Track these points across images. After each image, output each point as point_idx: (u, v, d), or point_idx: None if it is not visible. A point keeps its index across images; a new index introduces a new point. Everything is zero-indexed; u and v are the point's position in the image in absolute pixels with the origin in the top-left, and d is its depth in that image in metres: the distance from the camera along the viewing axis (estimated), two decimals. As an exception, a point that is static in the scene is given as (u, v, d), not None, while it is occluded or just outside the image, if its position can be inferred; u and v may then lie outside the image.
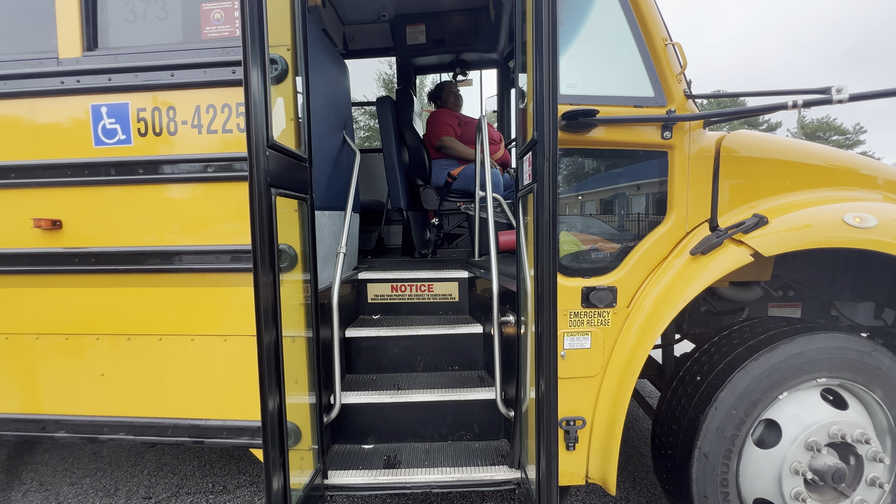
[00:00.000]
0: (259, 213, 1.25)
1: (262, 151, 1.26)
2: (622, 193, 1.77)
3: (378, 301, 2.54)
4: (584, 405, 1.69)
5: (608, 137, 1.63)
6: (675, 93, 1.62)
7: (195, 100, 1.66)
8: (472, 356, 2.29)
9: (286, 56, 1.58)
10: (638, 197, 1.76)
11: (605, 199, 1.79)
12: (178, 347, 1.77)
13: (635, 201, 1.77)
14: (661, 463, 1.74)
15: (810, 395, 1.59)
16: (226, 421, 1.78)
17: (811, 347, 1.55)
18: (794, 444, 1.53)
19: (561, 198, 1.70)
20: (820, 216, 1.58)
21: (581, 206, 1.80)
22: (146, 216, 1.74)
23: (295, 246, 1.64)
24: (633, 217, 1.76)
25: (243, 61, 1.20)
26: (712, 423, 1.55)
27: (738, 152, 1.72)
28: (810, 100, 1.40)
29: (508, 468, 1.82)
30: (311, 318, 1.71)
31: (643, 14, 1.62)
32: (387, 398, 2.00)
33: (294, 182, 1.53)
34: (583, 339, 1.66)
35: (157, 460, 2.67)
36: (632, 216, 1.76)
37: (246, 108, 1.22)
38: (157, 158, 1.70)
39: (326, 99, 2.32)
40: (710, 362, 1.66)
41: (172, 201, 1.73)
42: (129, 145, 1.70)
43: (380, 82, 18.37)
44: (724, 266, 1.56)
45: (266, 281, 1.28)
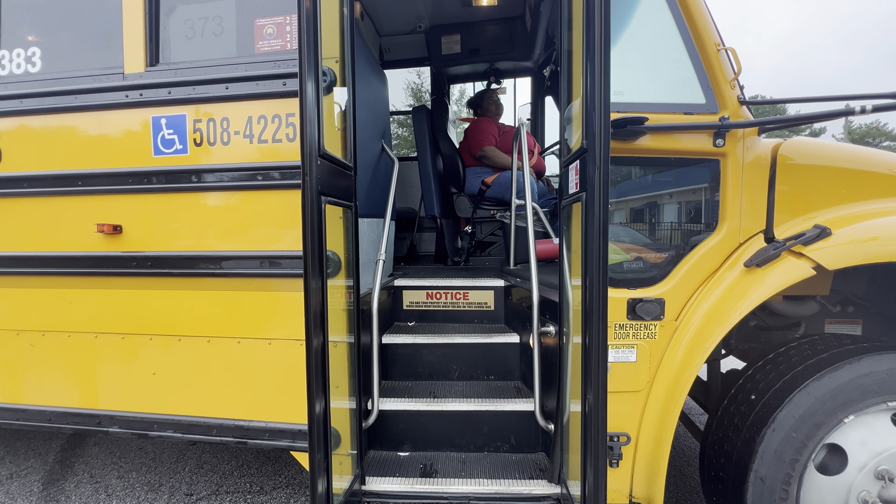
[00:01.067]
0: (311, 220, 1.28)
1: (314, 160, 1.30)
2: (670, 202, 1.72)
3: (413, 308, 2.55)
4: (628, 420, 1.64)
5: (657, 145, 1.58)
6: (728, 99, 1.57)
7: (248, 111, 1.73)
8: (509, 366, 2.26)
9: (335, 68, 1.62)
10: (687, 206, 1.70)
11: (652, 208, 1.74)
12: (225, 349, 1.83)
13: (684, 210, 1.71)
14: (712, 485, 1.65)
15: (880, 420, 1.48)
16: (268, 423, 1.82)
17: (881, 368, 1.45)
18: (862, 471, 1.43)
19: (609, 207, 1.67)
20: (888, 228, 1.49)
21: (628, 215, 1.76)
22: (199, 222, 1.81)
23: (339, 252, 1.67)
24: (683, 227, 1.70)
25: (299, 73, 1.25)
26: (769, 445, 1.46)
27: (796, 160, 1.64)
28: (881, 104, 1.32)
29: (548, 483, 1.77)
30: (353, 323, 1.73)
31: (694, 18, 1.58)
32: (423, 406, 2.00)
33: (340, 190, 1.57)
34: (628, 353, 1.61)
35: (197, 458, 2.76)
36: (681, 226, 1.71)
37: (301, 118, 1.26)
38: (210, 167, 1.77)
39: (368, 109, 2.37)
40: (766, 380, 1.57)
41: (223, 208, 1.80)
42: (185, 154, 1.78)
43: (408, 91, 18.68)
44: (782, 280, 1.49)
45: (315, 286, 1.31)
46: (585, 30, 1.29)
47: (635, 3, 1.68)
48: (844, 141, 36.53)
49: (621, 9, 1.67)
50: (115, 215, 1.84)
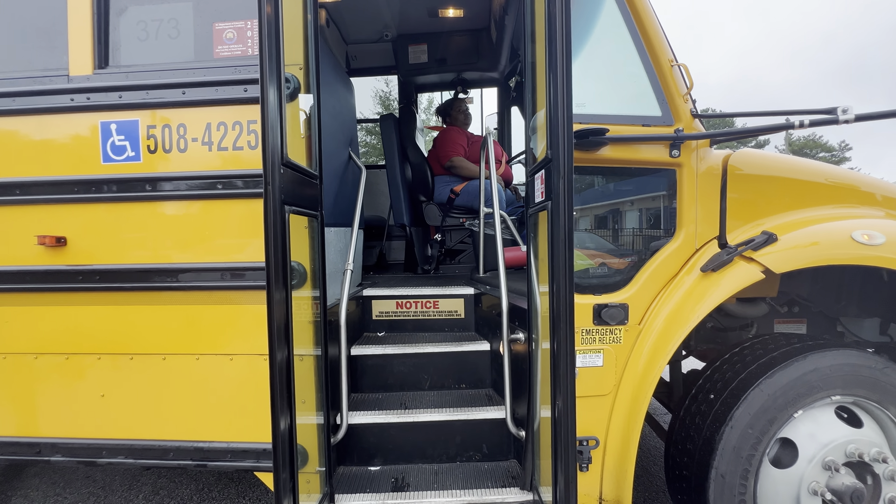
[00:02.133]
0: (273, 230, 1.24)
1: (276, 169, 1.26)
2: (632, 210, 1.78)
3: (383, 318, 2.52)
4: (596, 424, 1.67)
5: (617, 155, 1.64)
6: (682, 112, 1.65)
7: (206, 117, 1.66)
8: (480, 374, 2.26)
9: (298, 75, 1.59)
10: (647, 214, 1.77)
11: (615, 216, 1.80)
12: (183, 367, 1.73)
13: (645, 218, 1.78)
14: (677, 484, 1.71)
15: (825, 414, 1.58)
16: (230, 443, 1.73)
17: (824, 364, 1.54)
18: (811, 463, 1.51)
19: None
20: (828, 233, 1.60)
21: (592, 223, 1.80)
22: (154, 233, 1.72)
23: (305, 263, 1.62)
24: (644, 234, 1.77)
25: (260, 80, 1.21)
26: (728, 442, 1.53)
27: (745, 170, 1.75)
28: (817, 119, 1.42)
29: (520, 490, 1.78)
30: (320, 336, 1.68)
31: (649, 35, 1.66)
32: (394, 418, 1.96)
33: (305, 199, 1.53)
34: (595, 357, 1.65)
35: (152, 484, 2.58)
36: (642, 233, 1.77)
37: (262, 125, 1.22)
38: (166, 175, 1.69)
39: (334, 117, 2.34)
40: (723, 380, 1.65)
41: (180, 218, 1.71)
42: (138, 162, 1.69)
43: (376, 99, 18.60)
44: (735, 283, 1.57)
45: (279, 298, 1.26)
46: (548, 44, 1.33)
47: (595, 20, 1.75)
48: (786, 152, 39.37)
49: (582, 24, 1.73)
50: (59, 226, 1.71)
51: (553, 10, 1.28)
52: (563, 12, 1.26)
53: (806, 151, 41.97)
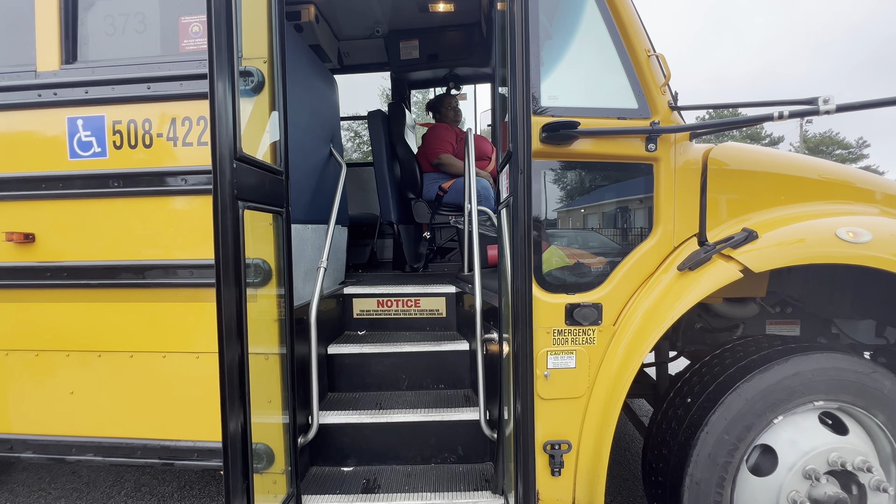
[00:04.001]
0: (223, 226, 1.21)
1: (227, 163, 1.23)
2: (607, 207, 1.72)
3: (364, 317, 2.49)
4: (569, 428, 1.61)
5: (591, 150, 1.58)
6: (658, 104, 1.58)
7: (171, 112, 1.64)
8: (459, 374, 2.22)
9: (263, 69, 1.56)
10: (624, 211, 1.71)
11: (590, 213, 1.74)
12: (150, 365, 1.72)
13: (621, 215, 1.71)
14: (652, 490, 1.65)
15: (808, 419, 1.51)
16: (197, 442, 1.72)
17: (807, 368, 1.47)
18: (791, 471, 1.44)
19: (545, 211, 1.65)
20: (812, 231, 1.52)
21: (566, 220, 1.75)
22: (120, 230, 1.71)
23: (270, 260, 1.59)
24: (619, 231, 1.71)
25: (209, 69, 1.18)
26: (703, 448, 1.46)
27: (727, 165, 1.67)
28: (797, 110, 1.35)
29: (492, 494, 1.73)
30: (285, 334, 1.65)
31: (625, 25, 1.59)
32: (367, 418, 1.93)
33: (267, 195, 1.50)
34: (567, 359, 1.59)
35: (135, 480, 2.59)
36: (617, 230, 1.71)
37: (211, 118, 1.19)
38: (132, 171, 1.67)
39: (312, 112, 2.31)
40: (701, 383, 1.58)
41: (147, 214, 1.70)
42: (104, 158, 1.67)
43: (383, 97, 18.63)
44: (713, 282, 1.50)
45: (229, 297, 1.23)
46: (510, 33, 1.27)
47: (568, 8, 1.68)
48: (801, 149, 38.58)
49: (554, 13, 1.68)
50: (27, 223, 1.71)
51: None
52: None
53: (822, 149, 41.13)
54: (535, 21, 1.51)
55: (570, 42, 1.70)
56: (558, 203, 1.69)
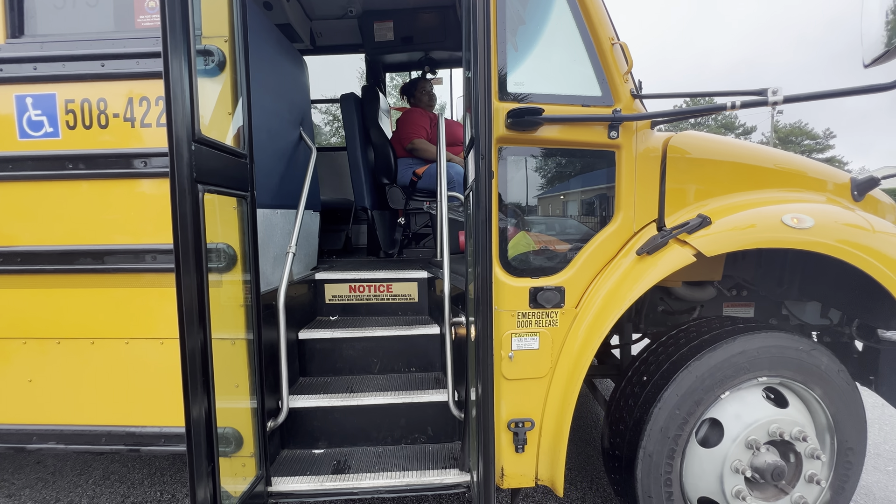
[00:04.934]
0: (181, 209, 1.19)
1: (184, 145, 1.20)
2: (571, 193, 1.76)
3: (336, 302, 2.49)
4: (533, 407, 1.67)
5: (556, 136, 1.61)
6: (621, 93, 1.62)
7: (128, 91, 1.58)
8: (430, 358, 2.26)
9: (224, 48, 1.52)
10: (587, 197, 1.75)
11: (554, 198, 1.78)
12: (112, 351, 1.69)
13: (584, 201, 1.76)
14: (610, 463, 1.73)
15: (752, 394, 1.61)
16: (163, 427, 1.71)
17: (752, 346, 1.56)
18: (734, 442, 1.54)
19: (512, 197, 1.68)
20: (760, 217, 1.60)
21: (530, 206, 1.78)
22: (78, 213, 1.65)
23: (235, 245, 1.58)
24: (582, 217, 1.75)
25: (162, 47, 1.15)
26: (656, 423, 1.55)
27: (687, 153, 1.73)
28: (748, 101, 1.41)
29: (459, 471, 1.79)
30: (252, 319, 1.65)
31: (590, 13, 1.61)
32: (338, 401, 1.95)
33: (230, 179, 1.47)
34: (531, 340, 1.64)
35: (104, 469, 2.56)
36: (581, 216, 1.76)
37: (166, 99, 1.16)
38: (87, 153, 1.61)
39: (280, 94, 2.26)
40: (656, 362, 1.66)
41: (105, 197, 1.65)
42: (57, 138, 1.61)
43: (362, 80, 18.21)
44: (668, 266, 1.56)
45: (189, 282, 1.22)
46: (472, 17, 1.28)
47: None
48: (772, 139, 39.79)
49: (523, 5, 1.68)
50: (-25, 206, 1.63)
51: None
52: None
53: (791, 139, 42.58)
54: (501, 5, 1.51)
55: (537, 28, 1.71)
56: (523, 188, 1.72)
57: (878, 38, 1.27)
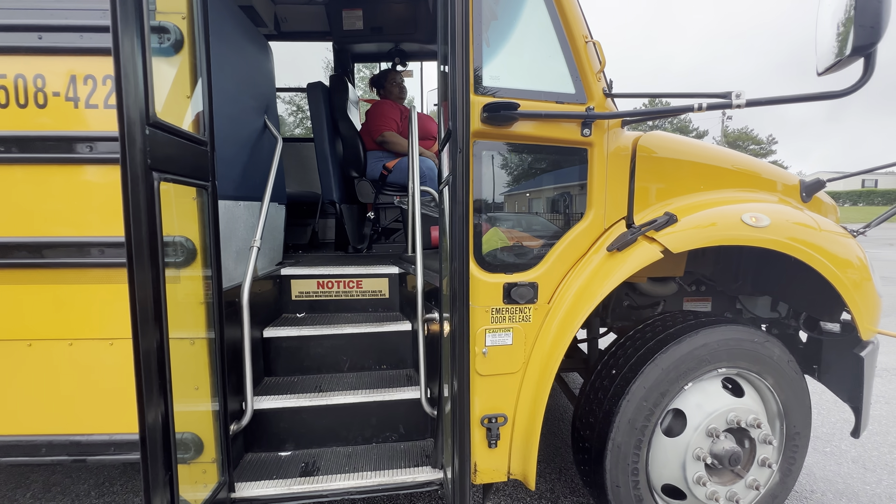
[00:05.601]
0: (133, 199, 1.09)
1: (137, 129, 1.10)
2: (544, 189, 1.77)
3: (303, 298, 2.40)
4: (505, 402, 1.67)
5: (530, 132, 1.61)
6: (594, 91, 1.64)
7: (69, 68, 1.44)
8: (401, 354, 2.22)
9: (182, 25, 1.41)
10: (560, 193, 1.77)
11: (528, 194, 1.78)
12: (53, 354, 1.54)
13: (557, 198, 1.77)
14: (580, 455, 1.77)
15: (712, 385, 1.69)
16: (113, 435, 1.58)
17: (713, 339, 1.64)
18: (696, 431, 1.61)
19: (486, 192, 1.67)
20: (722, 216, 1.67)
21: (504, 201, 1.78)
22: (11, 201, 1.49)
23: (194, 239, 1.47)
24: (555, 214, 1.77)
25: (111, 19, 1.04)
26: (625, 415, 1.59)
27: (654, 152, 1.78)
28: (713, 103, 1.46)
29: (432, 469, 1.77)
30: (213, 317, 1.55)
31: (564, 10, 1.62)
32: (305, 401, 1.88)
33: (188, 168, 1.37)
34: (504, 336, 1.64)
35: (44, 481, 2.35)
36: (553, 213, 1.77)
37: (116, 77, 1.06)
38: (22, 135, 1.46)
39: (243, 80, 2.14)
40: (624, 356, 1.71)
41: (43, 185, 1.49)
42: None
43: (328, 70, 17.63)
44: (637, 262, 1.60)
45: (144, 277, 1.13)
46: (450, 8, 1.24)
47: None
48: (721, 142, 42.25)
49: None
50: None
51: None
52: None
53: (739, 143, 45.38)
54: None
55: (513, 24, 1.70)
56: (497, 184, 1.72)
57: (829, 49, 1.34)
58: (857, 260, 1.73)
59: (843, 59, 1.27)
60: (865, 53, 1.24)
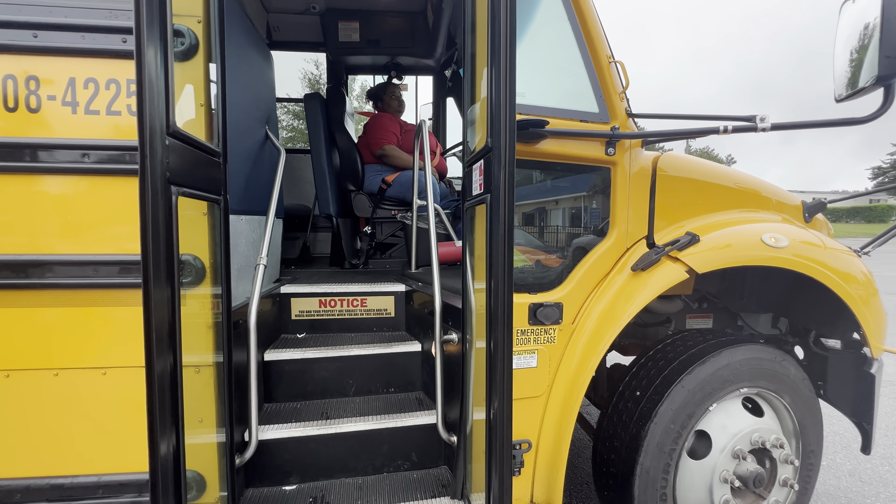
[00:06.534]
0: (153, 215, 0.99)
1: (158, 140, 1.00)
2: (567, 207, 1.75)
3: (303, 318, 2.27)
4: (529, 427, 1.61)
5: (556, 150, 1.59)
6: (618, 110, 1.64)
7: (69, 70, 1.32)
8: (410, 377, 2.13)
9: (197, 30, 1.31)
10: (583, 212, 1.75)
11: (551, 212, 1.76)
12: (36, 385, 1.38)
13: (580, 216, 1.76)
14: (603, 480, 1.72)
15: (734, 405, 1.68)
16: (102, 476, 1.42)
17: (736, 359, 1.64)
18: (723, 453, 1.59)
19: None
20: (742, 236, 1.70)
21: (527, 219, 1.75)
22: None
23: (203, 256, 1.36)
24: (577, 232, 1.75)
25: (135, 26, 0.95)
26: (653, 438, 1.56)
27: (669, 172, 1.80)
28: (739, 126, 1.48)
29: (450, 499, 1.68)
30: (222, 341, 1.43)
31: (590, 31, 1.62)
32: (313, 430, 1.76)
33: (203, 180, 1.27)
34: (529, 359, 1.59)
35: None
36: (576, 231, 1.75)
37: (138, 85, 0.96)
38: (11, 141, 1.31)
39: (247, 88, 2.04)
40: (648, 377, 1.68)
41: (27, 197, 1.35)
42: (-33, 121, 1.29)
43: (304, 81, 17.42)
44: (663, 282, 1.60)
45: (160, 298, 1.01)
46: (491, 26, 1.21)
47: (536, 11, 1.68)
48: (686, 162, 44.24)
49: (524, 14, 1.65)
50: None
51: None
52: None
53: (701, 162, 47.75)
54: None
55: (538, 42, 1.69)
56: (521, 202, 1.68)
57: (848, 77, 1.39)
58: (864, 277, 1.79)
59: (867, 87, 1.31)
60: (887, 83, 1.28)
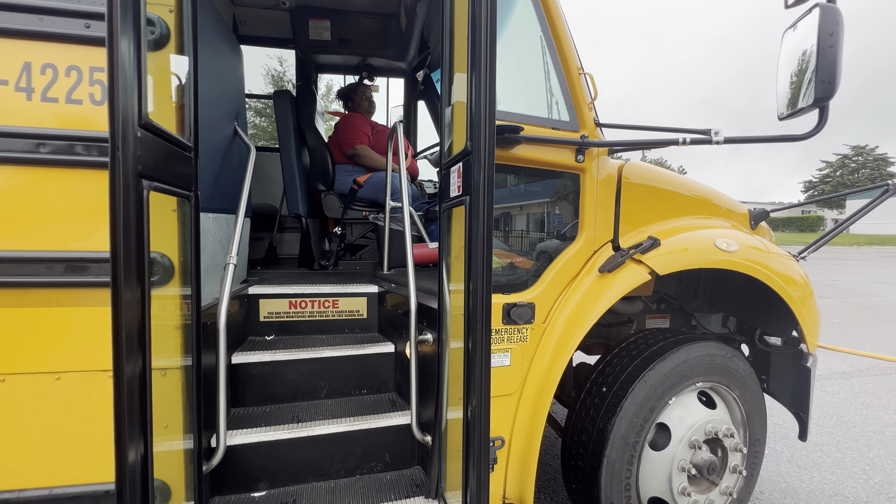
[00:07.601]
0: (124, 210, 0.95)
1: (130, 131, 0.96)
2: (538, 211, 1.82)
3: (272, 319, 2.22)
4: (503, 424, 1.66)
5: (529, 155, 1.65)
6: (587, 119, 1.73)
7: (24, 54, 1.23)
8: (383, 378, 2.12)
9: (168, 19, 1.27)
10: (553, 215, 1.83)
11: (524, 215, 1.82)
12: (-24, 392, 1.27)
13: (551, 219, 1.83)
14: (572, 474, 1.79)
15: (691, 398, 1.80)
16: (53, 489, 1.32)
17: (692, 355, 1.75)
18: (681, 443, 1.70)
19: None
20: (698, 240, 1.82)
21: (501, 223, 1.80)
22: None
23: (172, 255, 1.30)
24: (549, 235, 1.82)
25: (107, 12, 0.91)
26: (618, 431, 1.64)
27: (633, 180, 1.90)
28: (696, 138, 1.60)
29: (424, 498, 1.69)
30: (190, 343, 1.37)
31: (561, 43, 1.70)
32: (284, 434, 1.72)
33: (174, 175, 1.22)
34: (503, 357, 1.63)
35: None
36: (547, 234, 1.82)
37: (109, 74, 0.92)
38: (-47, 127, 1.21)
39: (216, 83, 1.97)
40: (613, 373, 1.77)
41: (-23, 188, 1.25)
42: None
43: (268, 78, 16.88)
44: (628, 283, 1.69)
45: (131, 297, 0.97)
46: (471, 33, 1.25)
47: (510, 20, 1.74)
48: (642, 171, 46.42)
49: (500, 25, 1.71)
50: None
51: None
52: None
53: (656, 172, 50.35)
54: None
55: (510, 51, 1.75)
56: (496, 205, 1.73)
57: (788, 98, 1.54)
58: (801, 279, 1.97)
59: (805, 108, 1.46)
60: (821, 105, 1.43)
